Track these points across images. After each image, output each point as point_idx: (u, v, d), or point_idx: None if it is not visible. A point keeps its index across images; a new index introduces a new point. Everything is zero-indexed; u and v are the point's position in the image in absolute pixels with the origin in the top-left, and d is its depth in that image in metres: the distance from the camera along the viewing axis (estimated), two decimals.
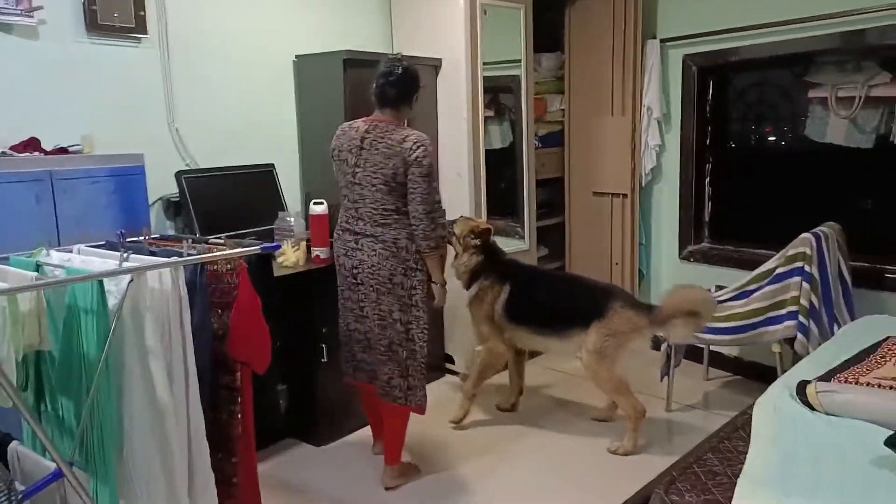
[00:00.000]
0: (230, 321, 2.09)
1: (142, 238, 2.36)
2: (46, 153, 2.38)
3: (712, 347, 3.70)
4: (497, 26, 3.98)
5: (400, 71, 2.66)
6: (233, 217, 3.04)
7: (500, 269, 3.27)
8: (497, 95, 4.35)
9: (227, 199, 3.06)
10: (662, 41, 4.04)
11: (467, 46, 3.68)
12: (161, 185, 2.97)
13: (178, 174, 2.91)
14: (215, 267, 2.13)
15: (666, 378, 3.48)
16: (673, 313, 2.91)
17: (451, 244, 3.32)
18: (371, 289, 2.67)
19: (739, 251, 3.97)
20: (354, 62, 3.33)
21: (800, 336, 3.02)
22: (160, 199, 3.02)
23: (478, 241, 3.23)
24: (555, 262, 4.71)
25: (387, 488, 2.83)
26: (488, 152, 4.26)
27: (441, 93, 3.82)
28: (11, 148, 2.33)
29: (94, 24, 2.75)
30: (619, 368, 3.00)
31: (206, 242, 2.21)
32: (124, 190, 2.50)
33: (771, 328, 3.11)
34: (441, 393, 3.80)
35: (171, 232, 3.05)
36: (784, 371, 2.51)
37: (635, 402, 3.03)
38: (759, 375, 3.72)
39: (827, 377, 1.94)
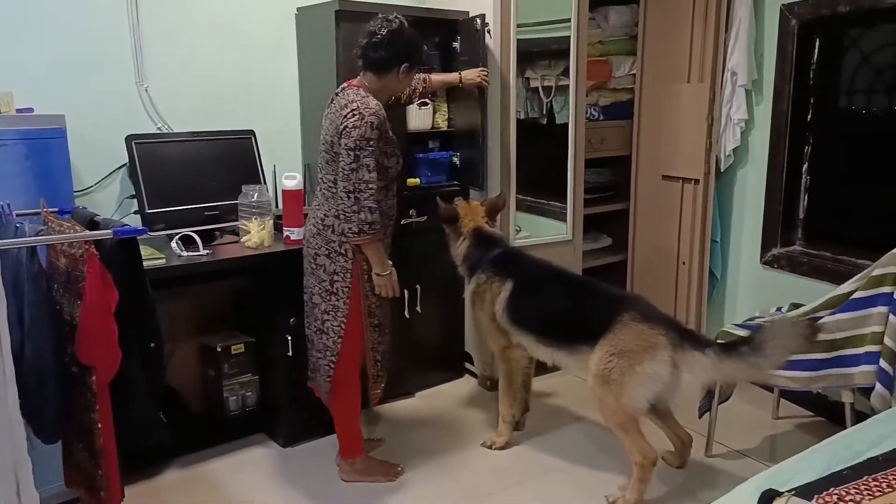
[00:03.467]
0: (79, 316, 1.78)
1: (39, 211, 2.12)
2: None
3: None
4: None
5: (385, 32, 2.33)
6: (192, 189, 2.74)
7: (502, 261, 2.72)
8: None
9: (189, 168, 2.76)
10: None
11: None
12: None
13: (129, 138, 2.64)
14: (72, 251, 1.82)
15: (708, 415, 2.77)
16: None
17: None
18: (303, 266, 2.52)
19: (838, 260, 3.08)
20: (349, 15, 2.88)
21: (879, 387, 2.21)
22: (124, 165, 2.79)
23: (452, 227, 2.80)
24: (617, 256, 4.03)
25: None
26: (561, 126, 3.63)
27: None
28: None
29: None
30: (629, 399, 2.33)
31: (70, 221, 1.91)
32: (41, 156, 2.25)
33: (841, 370, 2.32)
34: (459, 396, 3.34)
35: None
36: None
37: (644, 447, 2.36)
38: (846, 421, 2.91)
39: (816, 489, 1.25)
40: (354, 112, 2.26)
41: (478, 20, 3.06)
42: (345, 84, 2.44)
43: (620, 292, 2.58)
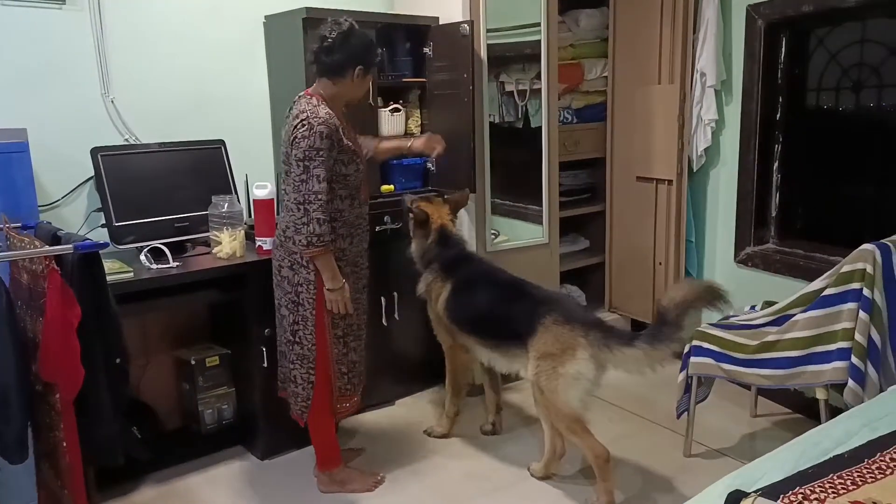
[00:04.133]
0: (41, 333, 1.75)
1: (1, 227, 2.08)
2: None
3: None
4: None
5: (336, 35, 2.32)
6: (161, 201, 2.70)
7: (451, 262, 2.75)
8: None
9: (158, 180, 2.72)
10: None
11: (465, 0, 3.09)
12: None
13: (94, 151, 2.60)
14: (33, 267, 1.79)
15: (686, 415, 2.77)
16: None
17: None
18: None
19: (810, 257, 3.10)
20: (317, 22, 2.84)
21: (851, 383, 2.22)
22: (91, 178, 2.75)
23: (422, 229, 2.80)
24: (595, 258, 4.05)
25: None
26: (536, 130, 3.61)
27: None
28: None
29: None
30: (563, 403, 2.34)
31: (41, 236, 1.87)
32: (3, 170, 2.22)
33: (813, 367, 2.33)
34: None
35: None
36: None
37: (594, 445, 2.37)
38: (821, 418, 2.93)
39: (782, 488, 1.24)
40: (304, 122, 2.23)
41: (465, 26, 3.03)
42: (301, 93, 2.41)
43: (548, 294, 2.58)
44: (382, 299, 3.15)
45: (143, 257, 2.54)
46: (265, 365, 2.72)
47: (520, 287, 2.62)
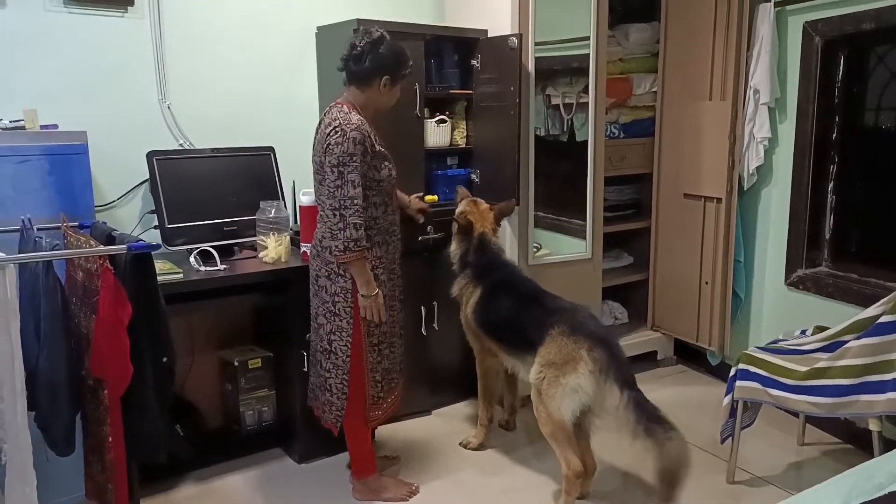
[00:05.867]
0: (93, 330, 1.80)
1: (59, 225, 2.15)
2: None
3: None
4: None
5: (365, 43, 2.34)
6: (212, 205, 2.77)
7: (484, 268, 2.79)
8: None
9: (209, 184, 2.79)
10: (777, 4, 3.14)
11: (514, 14, 3.09)
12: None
13: (150, 154, 2.68)
14: (88, 265, 1.84)
15: (730, 440, 2.70)
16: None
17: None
18: (309, 288, 2.54)
19: (865, 282, 3.00)
20: None
21: None
22: (145, 181, 2.83)
23: (457, 227, 2.84)
24: (639, 275, 3.98)
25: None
26: (581, 144, 3.57)
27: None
28: None
29: None
30: (555, 410, 2.37)
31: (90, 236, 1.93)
32: (62, 171, 2.30)
33: (867, 397, 2.24)
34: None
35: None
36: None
37: (570, 458, 2.39)
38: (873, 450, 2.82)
39: None
40: (336, 129, 2.26)
41: (513, 39, 3.03)
42: (332, 103, 2.43)
43: (562, 305, 2.56)
44: (423, 308, 3.16)
45: (192, 259, 2.60)
46: (305, 369, 2.75)
47: (539, 297, 2.64)
